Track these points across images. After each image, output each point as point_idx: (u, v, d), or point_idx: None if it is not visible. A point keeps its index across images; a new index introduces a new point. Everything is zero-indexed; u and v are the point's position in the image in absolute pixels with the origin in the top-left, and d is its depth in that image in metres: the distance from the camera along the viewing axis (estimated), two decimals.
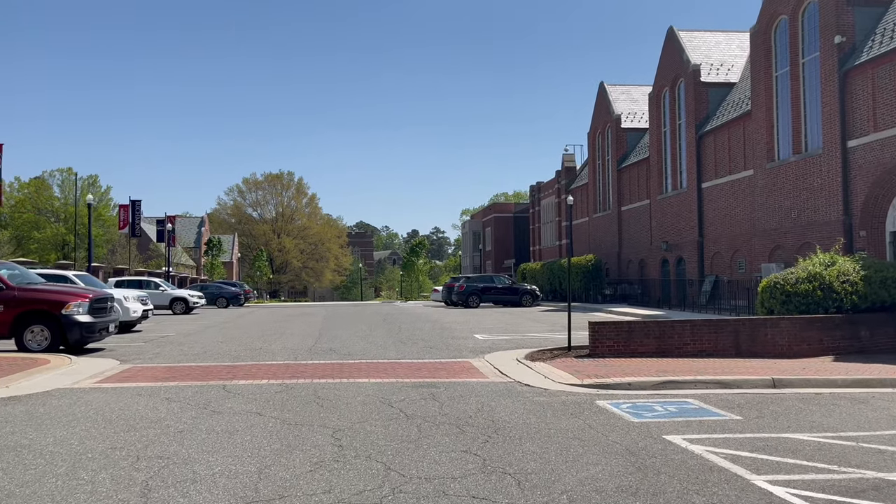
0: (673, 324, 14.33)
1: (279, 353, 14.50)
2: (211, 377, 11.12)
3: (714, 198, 29.15)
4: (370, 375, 11.34)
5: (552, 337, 17.78)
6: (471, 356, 14.07)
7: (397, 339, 17.36)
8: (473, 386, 10.38)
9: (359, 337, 18.14)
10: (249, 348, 15.61)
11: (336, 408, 8.58)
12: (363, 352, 14.76)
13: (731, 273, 27.66)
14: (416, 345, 16.09)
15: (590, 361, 13.43)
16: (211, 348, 15.65)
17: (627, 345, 14.12)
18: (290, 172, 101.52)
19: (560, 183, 49.66)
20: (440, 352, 14.74)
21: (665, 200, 33.48)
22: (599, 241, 41.80)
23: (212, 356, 14.11)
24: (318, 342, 16.92)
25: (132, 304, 19.93)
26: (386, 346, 15.75)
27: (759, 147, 25.21)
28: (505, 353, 14.62)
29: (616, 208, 39.38)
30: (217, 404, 8.79)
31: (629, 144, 39.15)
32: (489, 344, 16.24)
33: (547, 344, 16.21)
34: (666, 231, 33.13)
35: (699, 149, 30.08)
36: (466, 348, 15.35)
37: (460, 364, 12.87)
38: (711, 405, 8.98)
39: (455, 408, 8.61)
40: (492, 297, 35.94)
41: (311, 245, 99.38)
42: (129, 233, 43.27)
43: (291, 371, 11.85)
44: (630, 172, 38.05)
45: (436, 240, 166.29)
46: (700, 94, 30.13)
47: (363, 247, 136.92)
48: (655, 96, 34.23)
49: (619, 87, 41.59)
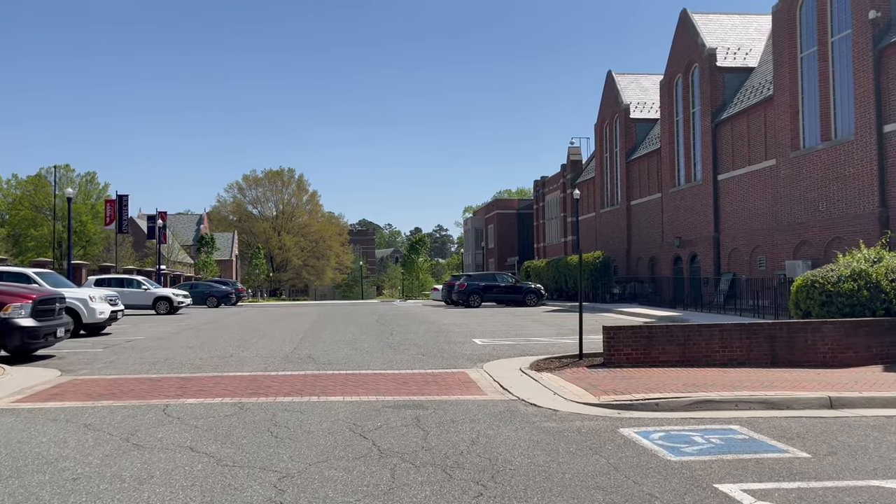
0: (699, 328, 12.53)
1: (249, 362, 12.74)
2: (156, 394, 9.36)
3: (731, 190, 27.29)
4: (346, 392, 9.56)
5: (560, 342, 15.99)
6: (468, 365, 12.30)
7: (387, 345, 15.58)
8: (468, 406, 8.60)
9: (345, 342, 16.37)
10: (219, 355, 13.86)
11: (293, 439, 6.81)
12: (345, 360, 12.99)
13: (750, 271, 25.83)
14: (406, 351, 14.31)
15: (605, 372, 11.65)
16: (176, 355, 13.90)
17: (647, 352, 12.33)
18: (290, 169, 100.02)
19: (565, 177, 47.80)
20: (433, 360, 12.96)
21: (678, 194, 31.62)
22: (607, 238, 39.96)
23: (172, 365, 12.35)
24: (298, 348, 15.15)
25: (98, 305, 18.19)
26: (372, 353, 13.98)
27: (782, 134, 23.35)
28: (507, 361, 12.84)
29: (625, 203, 37.52)
30: (145, 434, 7.02)
31: (639, 136, 37.30)
32: (490, 350, 14.46)
33: (554, 350, 14.42)
34: (679, 226, 31.28)
35: (715, 138, 28.22)
36: (464, 356, 13.57)
37: (455, 376, 11.09)
38: (764, 434, 7.18)
39: (443, 439, 6.83)
40: (494, 296, 34.14)
41: (311, 243, 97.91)
42: (116, 229, 41.57)
43: (255, 385, 10.08)
44: (640, 165, 36.20)
45: (438, 237, 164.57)
46: (716, 80, 28.26)
47: (365, 245, 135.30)
48: (667, 84, 32.36)
49: (628, 75, 39.72)
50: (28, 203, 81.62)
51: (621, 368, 12.01)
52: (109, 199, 42.86)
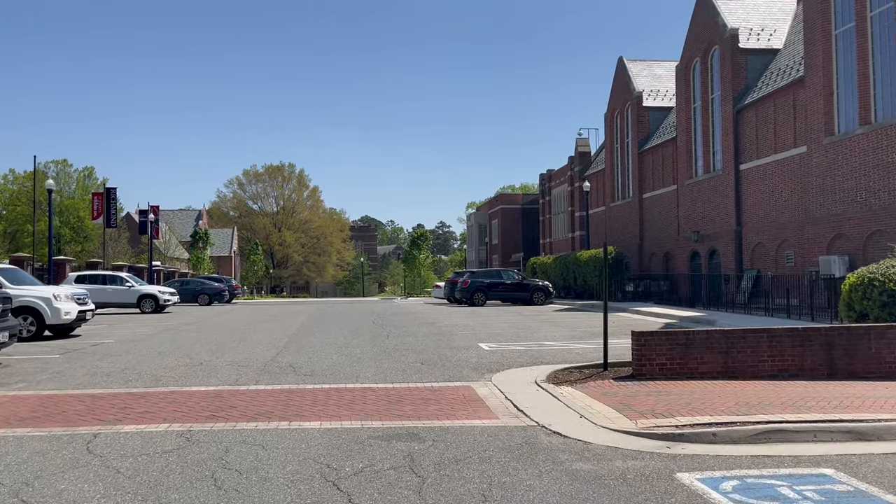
0: (744, 334, 10.72)
1: (220, 372, 10.96)
2: (90, 418, 7.59)
3: (755, 180, 25.43)
4: (325, 415, 7.79)
5: (576, 347, 14.18)
6: (474, 377, 10.52)
7: (381, 350, 13.79)
8: (476, 436, 6.82)
9: (334, 346, 14.58)
10: (188, 363, 12.09)
11: (242, 493, 5.02)
12: (331, 369, 11.20)
13: (776, 267, 23.99)
14: (403, 358, 12.53)
15: (636, 386, 9.86)
16: (139, 363, 12.13)
17: (684, 362, 10.54)
18: (291, 164, 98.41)
19: (573, 170, 45.92)
20: (434, 370, 11.17)
21: (695, 185, 29.76)
22: (618, 233, 38.11)
23: (129, 377, 10.58)
24: (281, 354, 13.38)
25: (64, 304, 16.43)
26: (364, 361, 12.20)
27: (814, 119, 21.49)
28: (519, 371, 11.05)
29: (637, 196, 35.66)
30: (43, 485, 5.24)
31: (652, 125, 35.41)
32: (498, 357, 12.66)
33: (571, 357, 12.62)
34: (696, 220, 29.43)
35: (737, 125, 26.36)
36: (468, 364, 11.78)
37: (459, 391, 9.31)
38: (872, 484, 5.38)
39: (445, 491, 5.05)
40: (499, 293, 32.33)
41: (312, 239, 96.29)
42: (105, 223, 39.81)
43: (217, 405, 8.30)
44: (653, 155, 34.33)
45: (441, 234, 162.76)
46: (738, 63, 26.38)
47: (367, 241, 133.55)
48: (684, 69, 30.47)
49: (640, 62, 37.79)
50: (25, 199, 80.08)
51: (654, 381, 10.23)
52: (97, 193, 41.08)
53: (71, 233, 76.41)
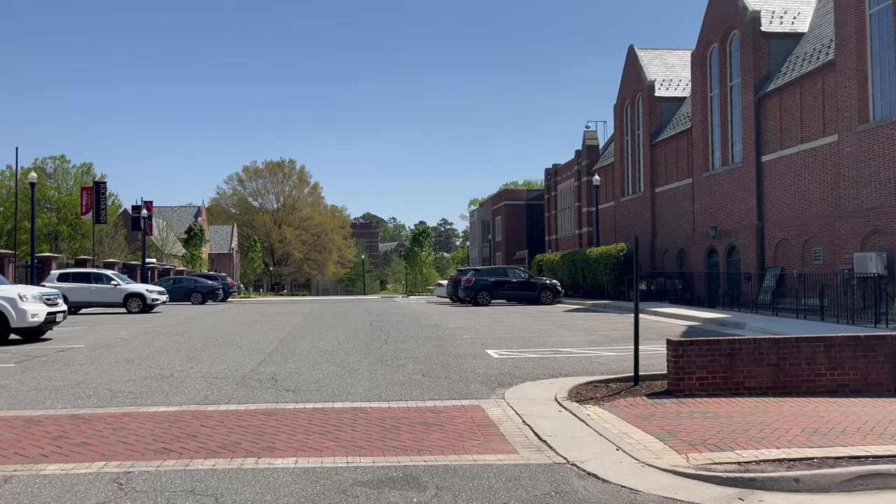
0: (797, 343, 9.22)
1: (190, 386, 9.49)
2: (10, 453, 6.14)
3: (779, 173, 23.88)
4: (304, 446, 6.31)
5: (596, 354, 12.67)
6: (483, 393, 9.04)
7: (377, 359, 12.30)
8: (491, 481, 5.34)
9: (325, 354, 13.09)
10: (156, 374, 10.61)
11: None
12: (319, 383, 9.73)
13: (802, 264, 22.45)
14: (402, 369, 11.04)
15: (675, 405, 8.40)
16: (101, 374, 10.67)
17: (728, 375, 9.07)
18: (291, 160, 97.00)
19: (580, 164, 44.35)
20: (437, 383, 9.68)
21: (712, 179, 28.21)
22: (628, 229, 36.56)
23: (83, 392, 9.12)
24: (265, 363, 11.90)
25: (31, 306, 14.96)
26: (357, 372, 10.71)
27: (846, 105, 19.94)
28: (536, 386, 9.56)
29: (648, 190, 34.10)
30: None
31: (664, 116, 33.84)
32: (510, 367, 11.17)
33: (593, 367, 11.13)
34: (713, 215, 27.88)
35: (758, 114, 24.79)
36: (476, 376, 10.29)
37: (467, 413, 7.83)
38: None
39: None
40: (505, 292, 30.81)
41: (313, 236, 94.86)
42: (94, 219, 38.33)
43: (173, 433, 6.83)
44: (666, 148, 32.77)
45: (443, 231, 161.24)
46: (759, 48, 24.79)
47: (368, 238, 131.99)
48: (700, 55, 28.89)
49: (652, 51, 36.21)
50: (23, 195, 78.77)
51: (695, 399, 8.76)
52: (86, 187, 39.57)
53: (68, 230, 75.14)
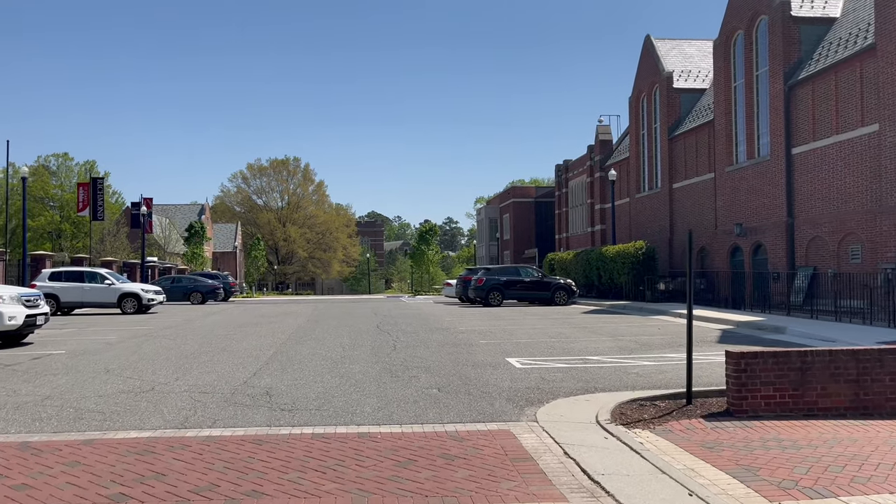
0: (880, 355, 7.89)
1: (171, 403, 8.19)
2: None
3: (811, 166, 22.46)
4: (299, 491, 5.00)
5: (631, 364, 11.31)
6: (512, 413, 7.72)
7: (386, 368, 10.98)
8: None
9: (329, 362, 11.77)
10: (136, 387, 9.32)
11: None
12: (319, 400, 8.41)
13: (837, 264, 21.04)
14: (414, 381, 9.71)
15: (742, 430, 7.08)
16: (72, 388, 9.38)
17: (799, 393, 7.74)
18: (296, 158, 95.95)
19: (593, 159, 42.90)
20: (456, 400, 8.35)
21: (737, 173, 26.78)
22: (644, 227, 35.14)
23: (42, 412, 7.83)
24: (260, 372, 10.59)
25: (7, 308, 13.70)
26: (363, 386, 9.39)
27: (889, 92, 18.52)
28: (571, 404, 8.22)
29: (666, 186, 32.68)
30: None
31: (683, 109, 32.41)
32: (536, 379, 9.82)
33: (630, 380, 9.78)
34: (738, 211, 26.46)
35: (788, 104, 23.36)
36: (500, 391, 8.95)
37: (495, 440, 6.49)
38: None
39: None
40: (517, 292, 29.47)
41: (318, 234, 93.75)
42: (91, 216, 37.12)
43: (138, 471, 5.52)
44: (685, 141, 31.34)
45: (448, 230, 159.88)
46: (790, 34, 23.36)
47: (373, 237, 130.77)
48: (723, 43, 27.45)
49: (669, 41, 34.77)
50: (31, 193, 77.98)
51: (762, 421, 7.44)
52: (82, 183, 38.34)
53: (71, 228, 74.25)
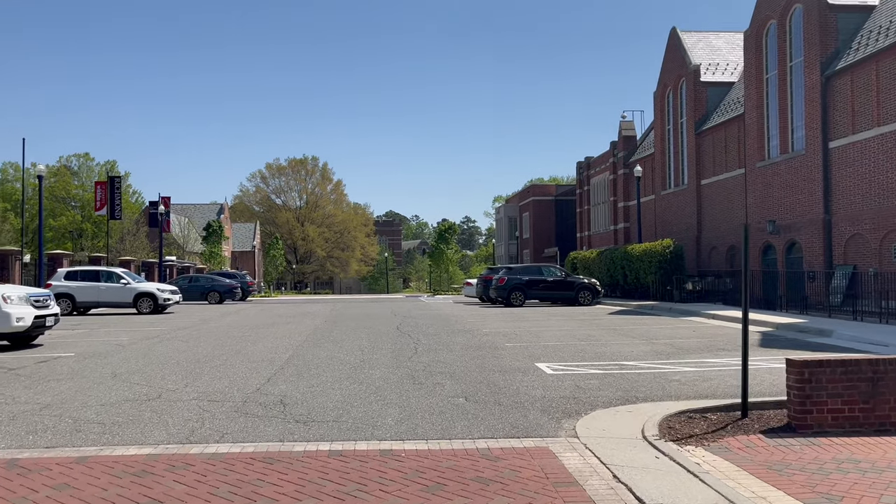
0: None
1: (178, 412, 7.58)
2: None
3: (850, 160, 21.48)
4: None
5: (671, 370, 10.53)
6: (548, 426, 7.00)
7: (408, 374, 10.30)
8: None
9: (347, 367, 11.12)
10: (142, 394, 8.73)
11: None
12: (337, 410, 7.75)
13: (879, 262, 20.06)
14: (438, 389, 9.02)
15: (809, 448, 6.31)
16: (75, 395, 8.82)
17: (870, 407, 6.96)
18: (314, 157, 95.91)
19: (616, 156, 41.98)
20: (485, 411, 7.64)
21: (769, 168, 25.81)
22: (670, 224, 34.20)
23: (38, 422, 7.26)
24: (275, 378, 9.97)
25: (15, 308, 13.22)
26: (384, 393, 8.72)
27: None
28: (612, 415, 7.48)
29: (694, 182, 31.73)
30: None
31: (710, 103, 31.45)
32: (570, 387, 9.08)
33: (673, 388, 9.01)
34: (770, 208, 25.49)
35: (825, 95, 22.39)
36: (533, 401, 8.23)
37: (533, 459, 5.78)
38: None
39: None
40: (539, 292, 28.70)
41: (336, 234, 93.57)
42: (108, 215, 36.90)
43: (132, 496, 4.90)
44: (713, 136, 30.38)
45: (466, 229, 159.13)
46: (827, 22, 22.39)
47: (391, 236, 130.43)
48: (754, 34, 26.47)
49: (696, 33, 33.80)
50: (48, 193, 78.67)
51: (829, 438, 6.66)
52: (100, 182, 38.18)
53: (92, 227, 74.71)
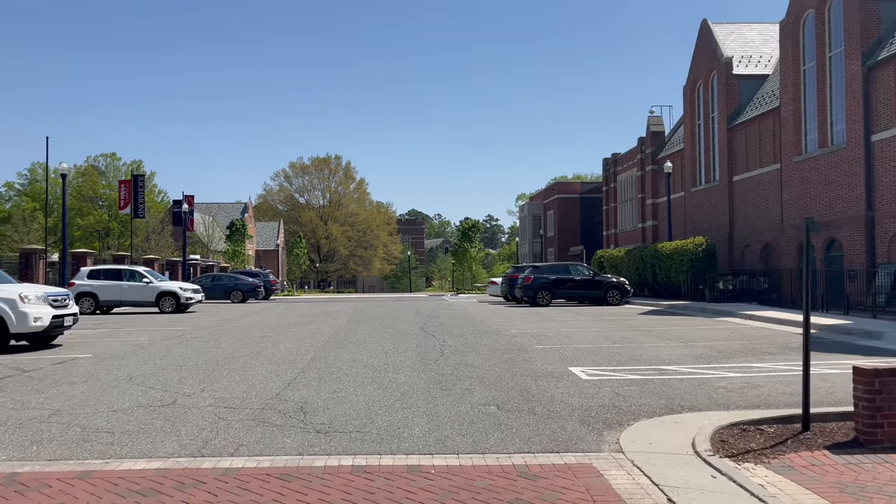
0: None
1: (192, 421, 7.13)
2: None
3: (894, 154, 20.51)
4: None
5: (716, 375, 9.87)
6: (589, 439, 6.42)
7: (435, 378, 9.77)
8: None
9: (370, 370, 10.62)
10: (156, 400, 8.31)
11: None
12: (360, 418, 7.24)
13: None
14: (467, 395, 8.47)
15: (884, 467, 5.66)
16: (86, 400, 8.43)
17: None
18: (337, 156, 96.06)
19: (644, 152, 41.06)
20: (519, 422, 7.08)
21: (806, 163, 24.86)
22: (701, 222, 33.27)
23: (44, 431, 6.86)
24: (296, 382, 9.50)
25: (33, 308, 12.94)
26: (410, 400, 8.20)
27: None
28: (658, 427, 6.87)
29: (725, 178, 30.79)
30: None
31: (743, 96, 30.49)
32: (609, 395, 8.47)
33: (718, 394, 8.38)
34: (808, 204, 24.55)
35: (867, 87, 21.43)
36: (570, 410, 7.65)
37: (575, 478, 5.21)
38: None
39: None
40: (567, 292, 28.02)
41: (358, 232, 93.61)
42: (132, 214, 36.91)
43: None
44: (746, 131, 29.44)
45: (489, 227, 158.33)
46: (868, 12, 21.43)
47: (414, 234, 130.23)
48: (791, 25, 25.51)
49: (728, 25, 32.82)
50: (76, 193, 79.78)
51: None
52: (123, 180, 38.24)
53: (119, 226, 75.54)
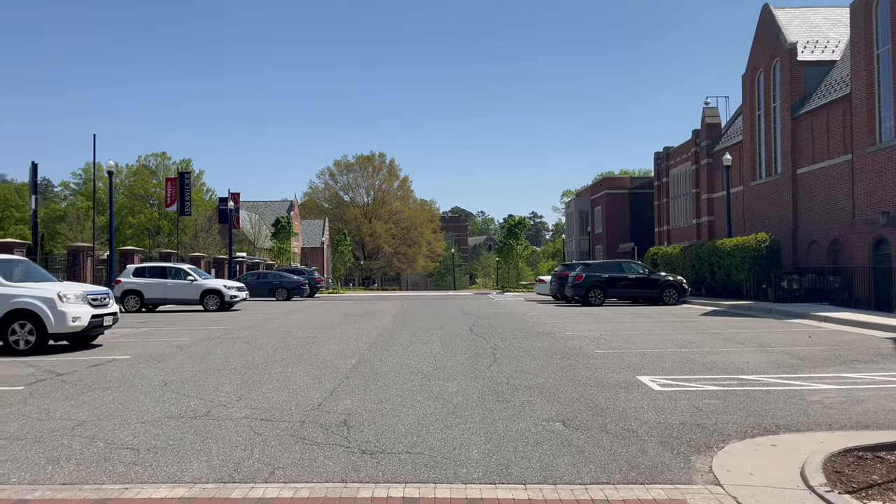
0: None
1: (224, 437, 6.47)
2: None
3: None
4: None
5: (807, 387, 8.79)
6: (673, 463, 5.51)
7: (489, 387, 8.93)
8: None
9: (418, 377, 9.85)
10: (189, 410, 7.69)
11: None
12: (410, 436, 6.46)
13: None
14: (528, 408, 7.62)
15: None
16: (115, 410, 7.88)
17: None
18: (381, 154, 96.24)
19: (699, 145, 39.38)
20: (590, 442, 6.20)
21: (881, 154, 23.16)
22: (761, 217, 31.60)
23: (63, 447, 6.28)
24: (337, 392, 8.78)
25: (72, 307, 12.58)
26: (464, 413, 7.38)
27: None
28: (755, 451, 5.90)
29: (789, 171, 29.10)
30: None
31: (808, 84, 28.75)
32: (688, 409, 7.50)
33: (814, 410, 7.34)
34: (882, 198, 22.87)
35: None
36: (647, 428, 6.72)
37: None
38: None
39: None
40: (620, 291, 26.82)
41: (402, 230, 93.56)
42: (178, 211, 37.05)
43: None
44: (812, 120, 27.73)
45: (533, 224, 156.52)
46: None
47: (457, 232, 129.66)
48: (863, 6, 23.80)
49: (791, 10, 31.07)
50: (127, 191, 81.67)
51: None
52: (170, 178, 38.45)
53: (169, 224, 77.00)
